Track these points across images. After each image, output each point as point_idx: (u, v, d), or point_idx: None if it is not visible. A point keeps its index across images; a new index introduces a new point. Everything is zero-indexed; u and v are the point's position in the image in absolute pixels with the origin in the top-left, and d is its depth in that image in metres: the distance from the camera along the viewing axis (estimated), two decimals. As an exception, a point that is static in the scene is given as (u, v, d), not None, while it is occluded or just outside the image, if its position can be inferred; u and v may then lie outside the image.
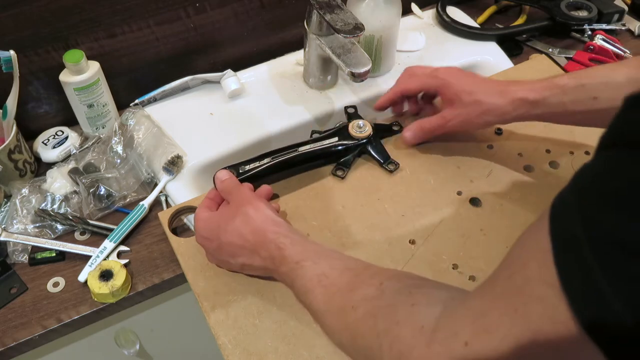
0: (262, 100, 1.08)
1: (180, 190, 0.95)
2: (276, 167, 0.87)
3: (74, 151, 0.99)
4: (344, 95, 1.10)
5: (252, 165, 0.87)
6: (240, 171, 0.86)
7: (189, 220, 0.90)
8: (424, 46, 1.18)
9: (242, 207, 0.74)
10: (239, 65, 1.13)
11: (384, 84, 1.11)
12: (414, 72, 0.93)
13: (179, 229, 0.89)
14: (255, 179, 0.85)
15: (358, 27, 0.90)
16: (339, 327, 0.60)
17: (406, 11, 1.25)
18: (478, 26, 1.23)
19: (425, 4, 1.27)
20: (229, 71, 1.09)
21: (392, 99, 0.95)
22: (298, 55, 1.16)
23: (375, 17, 1.03)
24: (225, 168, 0.85)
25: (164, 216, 0.87)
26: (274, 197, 0.88)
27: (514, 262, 0.44)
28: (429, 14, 1.26)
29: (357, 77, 0.92)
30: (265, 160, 0.87)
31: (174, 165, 0.96)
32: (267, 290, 0.76)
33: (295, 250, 0.68)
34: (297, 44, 1.13)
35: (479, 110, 0.84)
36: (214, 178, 0.81)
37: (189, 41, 1.07)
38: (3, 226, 0.89)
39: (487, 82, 0.87)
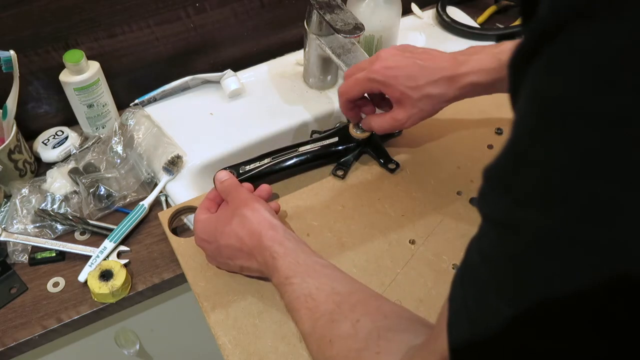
0: (262, 100, 1.08)
1: (180, 190, 0.95)
2: (276, 167, 0.88)
3: (74, 151, 0.99)
4: (344, 95, 1.09)
5: (252, 166, 0.87)
6: (241, 171, 0.86)
7: (189, 220, 0.90)
8: (424, 46, 1.18)
9: (239, 208, 0.74)
10: (239, 65, 1.13)
11: (384, 84, 1.11)
12: (351, 74, 0.83)
13: (179, 229, 0.89)
14: (256, 179, 0.85)
15: (358, 27, 0.90)
16: (318, 356, 0.61)
17: (406, 11, 1.25)
18: (478, 26, 1.23)
19: (425, 4, 1.27)
20: (229, 71, 1.09)
21: (347, 108, 0.86)
22: (298, 55, 1.16)
23: (375, 17, 1.03)
24: (225, 168, 0.85)
25: (164, 216, 0.87)
26: (274, 197, 0.88)
27: (435, 330, 0.45)
28: (429, 14, 1.26)
29: (357, 77, 0.92)
30: (266, 161, 0.87)
31: (173, 165, 0.96)
32: (267, 290, 0.76)
33: (286, 263, 0.68)
34: (297, 44, 1.13)
35: (430, 103, 0.78)
36: (214, 178, 0.81)
37: (189, 41, 1.07)
38: (3, 226, 0.89)
39: (431, 67, 0.77)
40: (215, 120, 1.05)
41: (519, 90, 0.33)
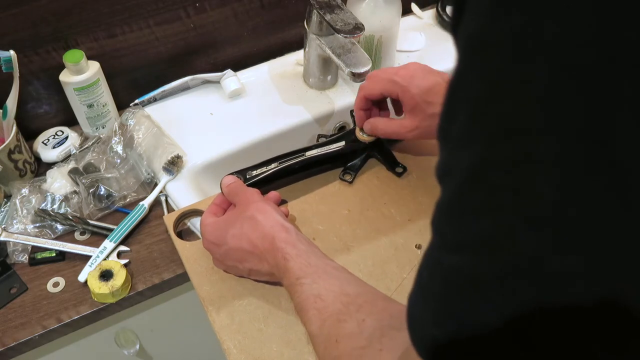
0: (262, 100, 1.08)
1: (180, 190, 0.95)
2: (283, 172, 0.87)
3: (74, 151, 0.99)
4: (344, 95, 1.10)
5: (259, 171, 0.86)
6: (248, 176, 0.85)
7: (192, 223, 0.89)
8: (424, 46, 1.18)
9: (248, 210, 0.74)
10: (239, 65, 1.13)
11: (384, 84, 1.11)
12: (375, 75, 0.85)
13: (183, 232, 0.89)
14: (263, 184, 0.85)
15: (358, 27, 0.90)
16: (324, 356, 0.62)
17: (406, 11, 1.25)
18: (477, 26, 1.23)
19: (425, 4, 1.27)
20: (229, 71, 1.09)
21: (361, 106, 0.87)
22: (298, 55, 1.16)
23: (375, 17, 1.03)
24: (231, 173, 0.84)
25: (169, 220, 0.86)
26: (282, 202, 0.87)
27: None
28: (429, 14, 1.26)
29: (357, 77, 0.92)
30: (272, 165, 0.87)
31: (174, 165, 0.96)
32: (273, 295, 0.76)
33: (297, 264, 0.68)
34: (297, 44, 1.13)
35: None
36: (220, 184, 0.81)
37: (189, 41, 1.07)
38: (3, 226, 0.89)
39: None
40: (215, 120, 1.05)
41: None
